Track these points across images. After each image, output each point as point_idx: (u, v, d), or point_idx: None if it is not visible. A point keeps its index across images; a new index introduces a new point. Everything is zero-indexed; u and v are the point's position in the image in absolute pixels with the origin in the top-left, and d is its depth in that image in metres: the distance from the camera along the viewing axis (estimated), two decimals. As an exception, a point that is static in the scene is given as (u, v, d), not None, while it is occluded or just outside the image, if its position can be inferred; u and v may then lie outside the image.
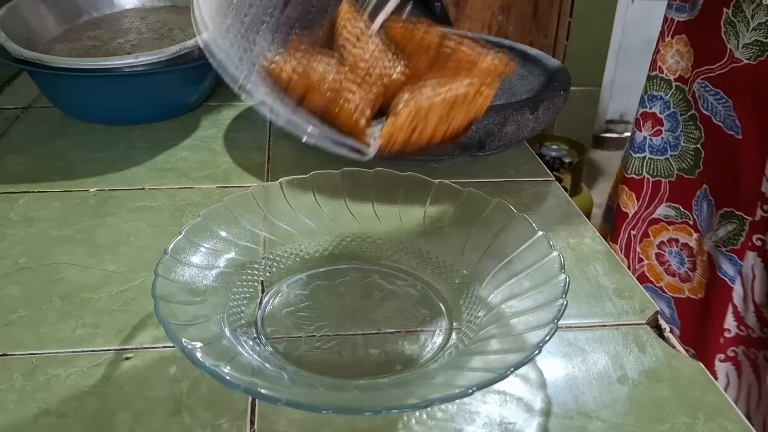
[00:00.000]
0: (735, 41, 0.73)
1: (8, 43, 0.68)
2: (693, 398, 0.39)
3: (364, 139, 0.35)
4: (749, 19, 0.71)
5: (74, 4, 0.80)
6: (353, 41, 0.39)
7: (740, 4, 0.71)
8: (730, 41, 0.73)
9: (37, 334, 0.42)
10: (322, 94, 0.35)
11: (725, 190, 0.79)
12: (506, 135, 0.62)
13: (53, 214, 0.56)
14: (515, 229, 0.45)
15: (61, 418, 0.36)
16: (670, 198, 0.83)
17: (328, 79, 0.35)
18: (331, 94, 0.35)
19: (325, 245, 0.49)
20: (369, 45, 0.39)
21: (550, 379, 0.40)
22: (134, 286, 0.47)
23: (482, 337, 0.39)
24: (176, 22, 0.80)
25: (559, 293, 0.38)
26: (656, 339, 0.44)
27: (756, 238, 0.77)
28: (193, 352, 0.33)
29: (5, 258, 0.50)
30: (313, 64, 0.36)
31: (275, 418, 0.37)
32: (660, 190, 0.85)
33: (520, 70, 0.77)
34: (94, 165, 0.64)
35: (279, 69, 0.36)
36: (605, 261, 0.52)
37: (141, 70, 0.67)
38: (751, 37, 0.71)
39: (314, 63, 0.36)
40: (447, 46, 0.40)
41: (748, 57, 0.72)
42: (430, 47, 0.41)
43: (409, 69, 0.40)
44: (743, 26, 0.72)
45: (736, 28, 0.72)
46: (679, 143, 0.84)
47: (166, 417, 0.37)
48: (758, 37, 0.71)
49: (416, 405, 0.32)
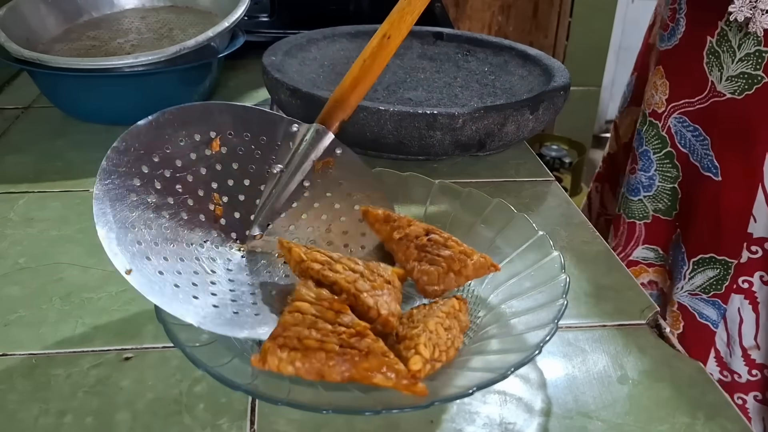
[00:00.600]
0: (718, 73, 0.66)
1: (8, 43, 0.68)
2: (693, 398, 0.39)
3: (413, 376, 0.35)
4: (735, 49, 0.64)
5: (74, 4, 0.80)
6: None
7: (726, 32, 0.65)
8: (713, 73, 0.67)
9: (37, 334, 0.42)
10: (337, 363, 0.34)
11: (703, 235, 0.73)
12: (506, 135, 0.62)
13: (53, 214, 0.56)
14: (515, 229, 0.45)
15: (61, 418, 0.36)
16: (647, 240, 0.78)
17: (335, 348, 0.34)
18: (344, 355, 0.34)
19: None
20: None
21: (550, 379, 0.40)
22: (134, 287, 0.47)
23: (482, 337, 0.39)
24: (176, 22, 0.80)
25: (559, 293, 0.38)
26: (656, 339, 0.44)
27: (742, 280, 0.72)
28: (194, 353, 0.33)
29: (5, 258, 0.50)
30: (310, 354, 0.33)
31: (275, 418, 0.37)
32: (635, 232, 0.79)
33: (520, 70, 0.77)
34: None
35: (278, 368, 0.34)
36: (605, 261, 0.52)
37: (141, 70, 0.67)
38: (737, 69, 0.65)
39: (312, 351, 0.34)
40: (435, 239, 0.42)
41: (732, 91, 0.66)
42: (418, 237, 0.42)
43: (393, 272, 0.41)
44: (728, 57, 0.65)
45: (720, 59, 0.66)
46: (653, 183, 0.77)
47: (166, 417, 0.37)
48: (745, 68, 0.64)
49: (416, 405, 0.32)
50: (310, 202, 0.47)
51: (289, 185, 0.46)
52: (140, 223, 0.40)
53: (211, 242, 0.43)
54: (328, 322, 0.35)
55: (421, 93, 0.77)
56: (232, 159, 0.45)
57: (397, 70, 0.82)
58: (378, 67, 0.47)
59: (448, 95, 0.76)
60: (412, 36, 0.84)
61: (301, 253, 0.39)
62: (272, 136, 0.46)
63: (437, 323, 0.38)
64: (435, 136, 0.59)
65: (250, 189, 0.46)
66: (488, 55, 0.81)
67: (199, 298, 0.38)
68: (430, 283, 0.41)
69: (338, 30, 0.82)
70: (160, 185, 0.41)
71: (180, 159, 0.43)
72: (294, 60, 0.75)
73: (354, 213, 0.47)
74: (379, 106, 0.58)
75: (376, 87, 0.77)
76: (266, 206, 0.46)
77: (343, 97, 0.47)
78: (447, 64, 0.82)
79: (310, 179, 0.47)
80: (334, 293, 0.38)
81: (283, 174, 0.46)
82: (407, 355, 0.35)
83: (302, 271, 0.39)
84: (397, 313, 0.37)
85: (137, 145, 0.41)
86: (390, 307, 0.37)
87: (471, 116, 0.59)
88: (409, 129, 0.59)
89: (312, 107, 0.61)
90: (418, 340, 0.36)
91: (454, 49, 0.83)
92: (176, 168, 0.43)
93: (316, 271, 0.38)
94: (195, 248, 0.42)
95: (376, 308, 0.36)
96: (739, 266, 0.72)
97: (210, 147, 0.44)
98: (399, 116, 0.58)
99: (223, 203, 0.44)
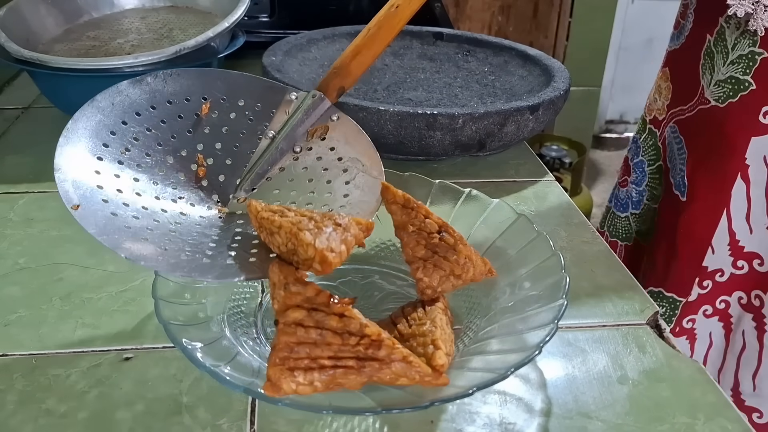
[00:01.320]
0: (709, 76, 0.61)
1: (8, 43, 0.68)
2: (693, 398, 0.39)
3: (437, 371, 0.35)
4: (729, 49, 0.59)
5: (74, 5, 0.80)
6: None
7: (724, 30, 0.60)
8: (705, 76, 0.61)
9: (37, 335, 0.42)
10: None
11: (658, 264, 0.67)
12: (506, 135, 0.62)
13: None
14: (515, 229, 0.45)
15: (61, 418, 0.36)
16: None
17: (353, 365, 0.33)
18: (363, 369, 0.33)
19: (325, 245, 0.49)
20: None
21: (550, 379, 0.40)
22: (134, 286, 0.47)
23: (482, 337, 0.39)
24: (176, 23, 0.80)
25: (559, 293, 0.38)
26: (656, 339, 0.44)
27: (687, 320, 0.67)
28: (194, 353, 0.33)
29: (5, 258, 0.50)
30: (327, 370, 0.32)
31: (275, 419, 0.37)
32: (614, 251, 0.73)
33: (520, 70, 0.77)
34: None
35: (297, 391, 0.32)
36: (605, 261, 0.52)
37: (141, 71, 0.67)
38: (726, 72, 0.59)
39: (328, 368, 0.33)
40: (447, 239, 0.41)
41: (717, 98, 0.60)
42: (431, 234, 0.41)
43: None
44: (720, 58, 0.59)
45: (713, 61, 0.60)
46: (641, 200, 0.71)
47: (166, 417, 0.37)
48: (735, 72, 0.59)
49: (416, 405, 0.32)
50: (298, 166, 0.46)
51: (279, 151, 0.45)
52: (108, 170, 0.40)
53: (186, 200, 0.43)
54: (334, 332, 0.33)
55: (421, 93, 0.77)
56: (223, 123, 0.45)
57: (397, 70, 0.82)
58: (384, 36, 0.46)
59: (448, 95, 0.76)
60: (412, 36, 0.84)
61: (257, 206, 0.38)
62: (268, 104, 0.46)
63: (441, 319, 0.38)
64: (435, 136, 0.59)
65: (239, 154, 0.46)
66: (488, 56, 0.81)
67: (149, 240, 0.38)
68: (430, 286, 0.41)
69: (338, 30, 0.82)
70: (138, 141, 0.42)
71: (165, 119, 0.43)
72: (294, 60, 0.75)
73: (341, 176, 0.45)
74: (379, 106, 0.59)
75: (375, 87, 0.77)
76: (253, 171, 0.45)
77: (343, 64, 0.46)
78: (447, 64, 0.82)
79: (302, 145, 0.46)
80: (280, 242, 0.36)
81: (275, 140, 0.46)
82: (426, 351, 0.35)
83: (260, 225, 0.38)
84: (338, 251, 0.35)
85: (119, 100, 0.42)
86: (330, 243, 0.35)
87: (471, 116, 0.59)
88: (409, 129, 0.59)
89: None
90: (434, 336, 0.36)
91: (454, 50, 0.83)
92: (159, 127, 0.43)
93: (266, 220, 0.37)
94: (165, 202, 0.42)
95: (313, 244, 0.34)
96: (686, 305, 0.66)
97: (200, 111, 0.45)
98: (399, 116, 0.58)
99: (207, 165, 0.44)
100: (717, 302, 0.67)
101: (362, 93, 0.76)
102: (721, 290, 0.66)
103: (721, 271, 0.65)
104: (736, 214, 0.62)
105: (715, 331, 0.68)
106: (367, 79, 0.79)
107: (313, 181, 0.46)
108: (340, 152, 0.46)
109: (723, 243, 0.64)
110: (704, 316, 0.67)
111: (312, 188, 0.46)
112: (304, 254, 0.35)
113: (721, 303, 0.66)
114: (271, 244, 0.38)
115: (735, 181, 0.61)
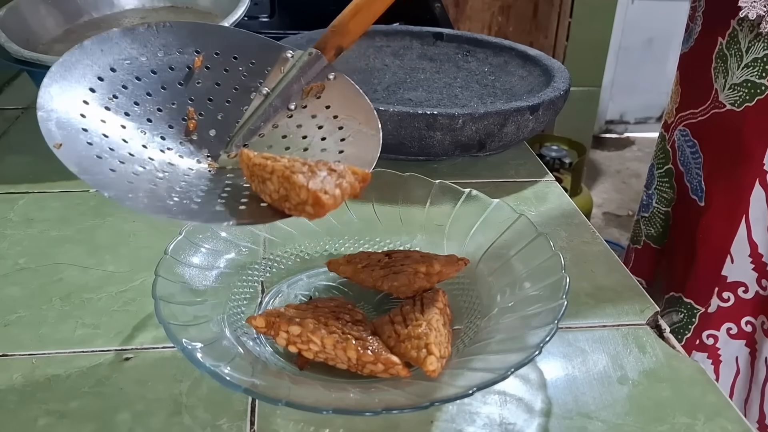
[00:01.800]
0: (722, 80, 0.60)
1: (8, 43, 0.68)
2: (693, 398, 0.39)
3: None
4: (743, 52, 0.57)
5: (74, 5, 0.80)
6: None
7: (737, 33, 0.58)
8: (718, 80, 0.60)
9: (37, 335, 0.42)
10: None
11: (678, 269, 0.66)
12: (506, 135, 0.62)
13: (53, 214, 0.56)
14: (515, 229, 0.45)
15: (61, 418, 0.36)
16: (632, 270, 0.69)
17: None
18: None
19: (325, 246, 0.49)
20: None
21: (550, 379, 0.40)
22: (134, 287, 0.47)
23: (482, 337, 0.39)
24: (176, 23, 0.80)
25: (559, 294, 0.38)
26: (656, 339, 0.44)
27: (707, 335, 0.64)
28: (194, 353, 0.33)
29: (5, 258, 0.50)
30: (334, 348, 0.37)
31: (275, 419, 0.37)
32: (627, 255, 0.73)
33: (520, 70, 0.77)
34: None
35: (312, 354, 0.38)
36: (605, 261, 0.52)
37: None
38: (741, 75, 0.58)
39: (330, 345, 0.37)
40: (396, 255, 0.44)
41: (732, 102, 0.59)
42: (380, 261, 0.44)
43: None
44: (735, 62, 0.58)
45: (726, 64, 0.59)
46: (650, 203, 0.71)
47: (166, 417, 0.36)
48: (750, 76, 0.57)
49: (416, 406, 0.32)
50: (292, 123, 0.45)
51: (273, 108, 0.45)
52: (93, 114, 0.39)
53: (175, 152, 0.42)
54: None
55: (421, 93, 0.77)
56: (216, 78, 0.45)
57: (397, 70, 0.82)
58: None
59: (448, 96, 0.76)
60: (412, 36, 0.84)
61: (249, 154, 0.38)
62: (263, 61, 0.46)
63: (437, 320, 0.38)
64: (435, 137, 0.59)
65: (232, 109, 0.45)
66: (488, 56, 0.81)
67: (134, 183, 0.37)
68: (402, 284, 0.42)
69: (338, 30, 0.82)
70: (127, 89, 0.41)
71: (156, 70, 0.43)
72: (294, 60, 0.75)
73: (336, 133, 0.45)
74: (379, 106, 0.58)
75: (375, 87, 0.78)
76: (245, 127, 0.44)
77: (342, 22, 0.45)
78: (447, 64, 0.82)
79: (296, 103, 0.45)
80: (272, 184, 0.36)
81: (269, 97, 0.45)
82: (418, 355, 0.36)
83: (252, 174, 0.38)
84: (332, 193, 0.34)
85: (108, 47, 0.41)
86: (325, 185, 0.34)
87: (471, 117, 0.59)
88: (409, 129, 0.59)
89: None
90: (428, 339, 0.36)
91: (454, 50, 0.83)
92: (149, 77, 0.43)
93: (259, 166, 0.37)
94: (152, 151, 0.41)
95: (306, 186, 0.34)
96: (704, 316, 0.64)
97: (193, 64, 0.44)
98: (399, 117, 0.58)
99: (197, 118, 0.44)
100: (743, 323, 0.64)
101: (362, 93, 0.76)
102: (746, 309, 0.64)
103: (744, 286, 0.63)
104: (755, 223, 0.61)
105: (742, 357, 0.66)
106: (367, 80, 0.79)
107: (307, 138, 0.45)
108: (336, 110, 0.45)
109: (743, 253, 0.62)
110: (729, 335, 0.65)
111: (306, 144, 0.44)
112: (296, 198, 0.34)
113: (748, 326, 0.64)
114: (263, 192, 0.37)
115: (753, 187, 0.60)
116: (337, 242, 0.50)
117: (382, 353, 0.37)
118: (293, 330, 0.37)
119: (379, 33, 0.83)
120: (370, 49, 0.83)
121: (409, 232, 0.49)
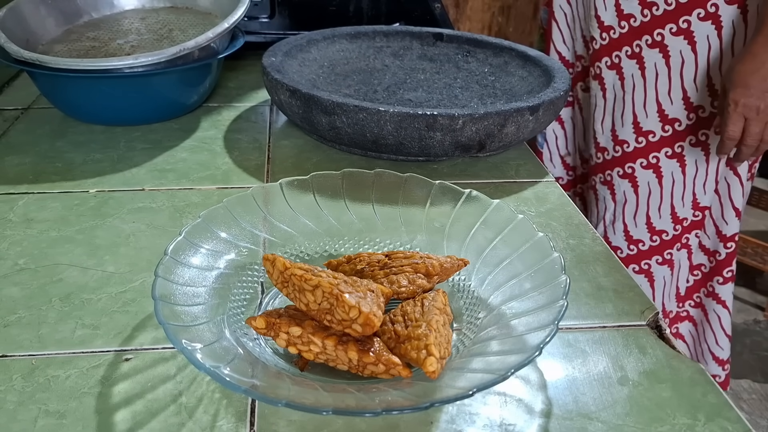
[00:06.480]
0: None
1: (8, 44, 0.68)
2: (693, 399, 0.39)
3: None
4: None
5: (74, 5, 0.80)
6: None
7: None
8: None
9: (36, 335, 0.42)
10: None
11: None
12: (506, 136, 0.62)
13: (53, 214, 0.56)
14: (515, 230, 0.45)
15: (61, 418, 0.36)
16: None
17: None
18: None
19: (325, 246, 0.49)
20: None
21: (550, 380, 0.40)
22: (134, 287, 0.47)
23: (483, 338, 0.39)
24: (176, 23, 0.80)
25: (559, 294, 0.38)
26: (656, 340, 0.44)
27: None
28: (193, 354, 0.33)
29: (5, 259, 0.50)
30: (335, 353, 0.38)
31: (275, 419, 0.37)
32: None
33: (520, 71, 0.77)
34: (93, 166, 0.64)
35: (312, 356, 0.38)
36: (605, 262, 0.52)
37: (141, 71, 0.67)
38: None
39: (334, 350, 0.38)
40: (396, 256, 0.45)
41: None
42: (379, 262, 0.45)
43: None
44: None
45: None
46: None
47: (166, 418, 0.36)
48: None
49: (416, 406, 0.32)
50: None
51: None
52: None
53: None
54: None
55: (421, 94, 0.77)
56: None
57: (397, 71, 0.82)
58: None
59: (448, 96, 0.76)
60: (412, 37, 0.84)
61: (285, 262, 0.39)
62: None
63: (437, 321, 0.38)
64: (435, 137, 0.59)
65: None
66: (488, 56, 0.81)
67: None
68: (402, 287, 0.42)
69: (338, 31, 0.82)
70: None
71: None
72: (294, 61, 0.75)
73: None
74: (379, 107, 0.58)
75: (375, 88, 0.78)
76: None
77: None
78: (447, 65, 0.82)
79: None
80: (315, 302, 0.38)
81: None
82: (418, 356, 0.36)
83: (285, 280, 0.39)
84: (379, 315, 0.37)
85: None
86: (372, 307, 0.37)
87: (471, 117, 0.59)
88: (409, 130, 0.59)
89: (311, 108, 0.61)
90: (428, 340, 0.36)
91: (454, 50, 0.83)
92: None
93: (299, 277, 0.38)
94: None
95: (358, 307, 0.36)
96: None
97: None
98: (399, 117, 0.58)
99: None
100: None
101: (362, 94, 0.76)
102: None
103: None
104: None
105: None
106: (367, 80, 0.79)
107: None
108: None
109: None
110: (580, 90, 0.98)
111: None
112: (343, 315, 0.36)
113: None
114: (298, 300, 0.38)
115: None
116: (337, 242, 0.50)
117: (384, 354, 0.37)
118: (294, 331, 0.37)
119: (379, 33, 0.83)
120: (370, 49, 0.83)
121: (409, 232, 0.49)
